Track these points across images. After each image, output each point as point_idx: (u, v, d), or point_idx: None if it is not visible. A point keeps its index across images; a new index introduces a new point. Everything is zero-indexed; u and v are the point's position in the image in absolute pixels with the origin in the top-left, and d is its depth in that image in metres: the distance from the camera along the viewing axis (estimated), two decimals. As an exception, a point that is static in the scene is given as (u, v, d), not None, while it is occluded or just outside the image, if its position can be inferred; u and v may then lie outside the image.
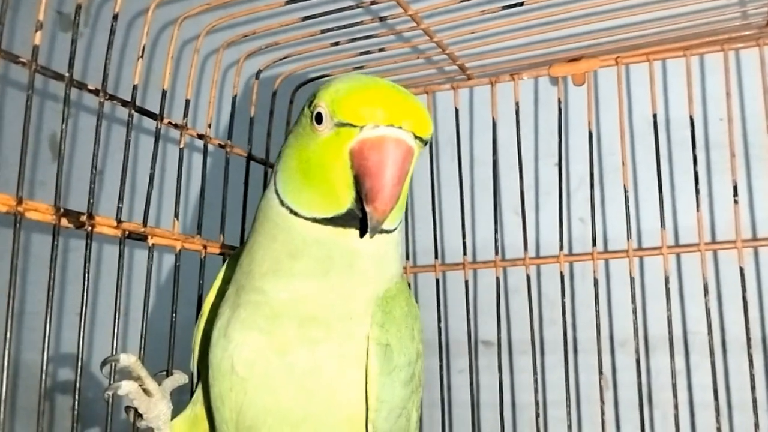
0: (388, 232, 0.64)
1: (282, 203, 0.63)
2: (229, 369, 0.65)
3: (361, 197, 0.57)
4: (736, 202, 0.89)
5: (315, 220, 0.61)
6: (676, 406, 0.87)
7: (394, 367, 0.66)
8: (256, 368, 0.64)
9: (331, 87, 0.60)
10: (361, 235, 0.60)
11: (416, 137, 0.58)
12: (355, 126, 0.57)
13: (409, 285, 1.06)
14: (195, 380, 0.77)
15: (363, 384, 0.65)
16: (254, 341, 0.64)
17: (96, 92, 0.70)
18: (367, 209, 0.57)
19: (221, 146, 0.90)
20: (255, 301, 0.64)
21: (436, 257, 1.03)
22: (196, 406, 0.75)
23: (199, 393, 0.75)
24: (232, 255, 0.78)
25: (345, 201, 0.59)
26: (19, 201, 0.60)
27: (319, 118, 0.59)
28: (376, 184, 0.56)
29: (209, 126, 0.88)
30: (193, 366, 0.77)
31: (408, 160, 0.58)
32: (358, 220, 0.60)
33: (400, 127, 0.57)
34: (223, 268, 0.76)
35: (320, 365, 0.64)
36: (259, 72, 0.97)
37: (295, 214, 0.62)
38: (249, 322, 0.64)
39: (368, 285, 0.65)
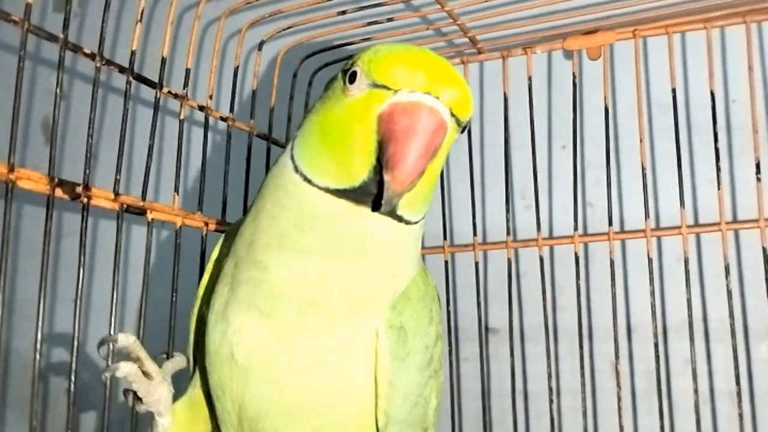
0: (407, 222, 0.59)
1: (296, 169, 0.59)
2: (228, 357, 0.62)
3: (381, 168, 0.53)
4: (758, 179, 0.87)
5: (329, 191, 0.57)
6: (696, 391, 0.85)
7: (409, 351, 0.63)
8: (257, 356, 0.61)
9: (372, 48, 0.57)
10: (374, 210, 0.56)
11: (453, 115, 0.55)
12: (389, 89, 0.54)
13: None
14: (192, 364, 0.74)
15: (373, 372, 0.62)
16: (254, 326, 0.60)
17: (92, 56, 0.67)
18: (386, 178, 0.52)
19: (223, 119, 0.87)
20: (254, 278, 0.60)
21: (445, 238, 1.00)
22: (194, 390, 0.72)
23: (197, 377, 0.73)
24: (229, 229, 0.74)
25: (363, 171, 0.55)
26: (11, 168, 0.57)
27: (352, 78, 0.56)
28: (400, 150, 0.52)
29: (210, 97, 0.85)
30: (190, 351, 0.74)
31: (440, 135, 0.54)
32: (372, 196, 0.55)
33: (438, 98, 0.53)
34: (219, 243, 0.73)
35: (325, 357, 0.60)
36: (262, 42, 0.94)
37: (309, 182, 0.57)
38: (248, 303, 0.61)
39: (378, 275, 0.60)
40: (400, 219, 0.58)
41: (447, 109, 0.54)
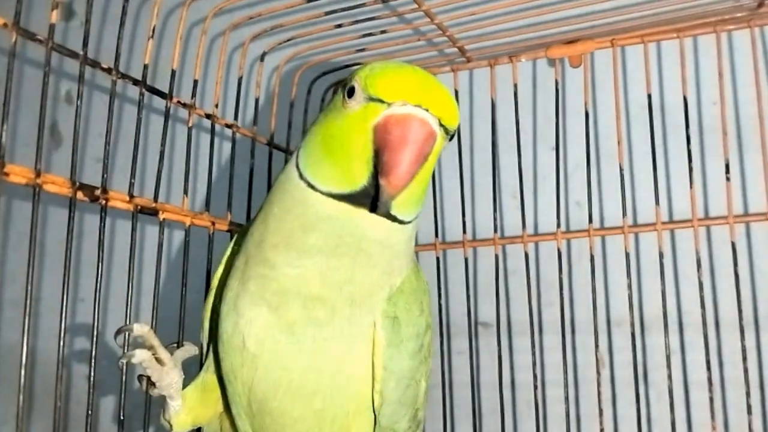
0: (401, 222, 0.64)
1: (301, 176, 0.64)
2: (240, 345, 0.67)
3: (377, 174, 0.58)
4: (728, 179, 0.92)
5: (331, 196, 0.62)
6: (669, 377, 0.90)
7: (402, 339, 0.68)
8: (265, 345, 0.66)
9: (369, 65, 0.62)
10: (371, 211, 0.61)
11: (441, 125, 0.60)
12: (384, 102, 0.59)
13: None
14: (205, 351, 0.79)
15: (370, 359, 0.67)
16: (263, 318, 0.66)
17: (108, 70, 0.72)
18: (381, 182, 0.58)
19: (228, 126, 0.92)
20: (263, 274, 0.65)
21: (437, 236, 1.06)
22: (207, 374, 0.77)
23: (210, 362, 0.78)
24: (241, 230, 0.80)
25: (362, 177, 0.60)
26: (38, 173, 0.62)
27: (351, 92, 0.61)
28: (394, 157, 0.57)
29: (216, 106, 0.90)
30: (203, 338, 0.80)
31: (429, 143, 0.59)
32: (370, 199, 0.61)
33: (428, 110, 0.58)
34: (231, 243, 0.78)
35: (327, 345, 0.66)
36: (264, 54, 0.99)
37: (313, 188, 0.63)
38: (257, 297, 0.66)
39: (374, 272, 0.65)
40: (394, 219, 0.63)
41: (436, 120, 0.59)
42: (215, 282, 0.78)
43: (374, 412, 0.70)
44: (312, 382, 0.67)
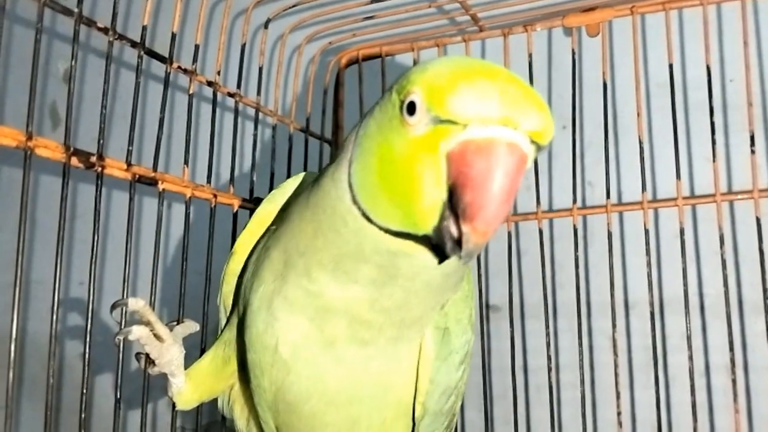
0: None
1: (354, 200, 0.54)
2: (272, 346, 0.63)
3: (455, 216, 0.46)
4: (753, 152, 0.88)
5: (390, 231, 0.52)
6: (690, 358, 0.87)
7: (450, 351, 0.64)
8: (301, 354, 0.62)
9: (430, 70, 0.48)
10: (442, 260, 0.51)
11: (532, 142, 0.47)
12: (457, 123, 0.46)
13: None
14: (222, 322, 0.76)
15: (415, 369, 0.63)
16: (301, 328, 0.61)
17: (105, 30, 0.69)
18: (464, 229, 0.46)
19: (230, 95, 0.89)
20: (306, 288, 0.59)
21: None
22: (223, 347, 0.73)
23: (230, 337, 0.72)
24: (269, 198, 0.73)
25: (432, 218, 0.47)
26: (29, 136, 0.59)
27: (411, 109, 0.48)
28: (479, 198, 0.45)
29: (218, 73, 0.87)
30: (220, 301, 0.75)
31: (521, 172, 0.46)
32: (443, 243, 0.48)
33: (516, 129, 0.45)
34: (260, 210, 0.72)
35: (369, 362, 0.61)
36: (268, 21, 0.96)
37: (368, 219, 0.53)
38: (297, 307, 0.61)
39: (430, 297, 0.59)
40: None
41: (527, 140, 0.46)
42: (239, 247, 0.72)
43: (413, 420, 0.66)
44: (349, 392, 0.63)
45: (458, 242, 0.47)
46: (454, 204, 0.46)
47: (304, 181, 0.71)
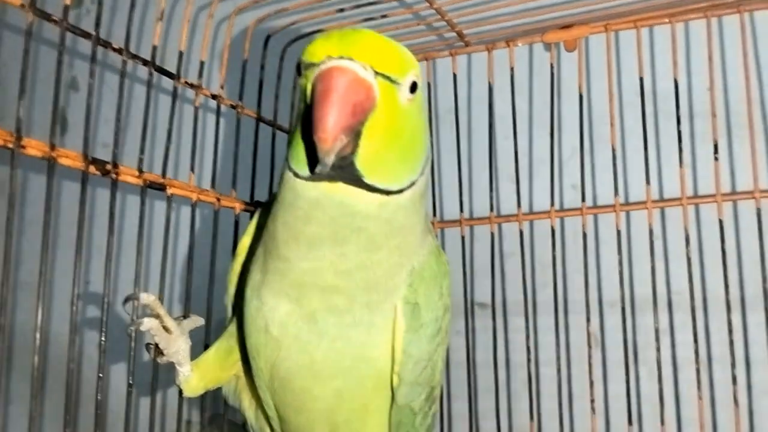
0: (387, 192, 0.61)
1: (288, 165, 0.63)
2: (263, 327, 0.70)
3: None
4: (716, 159, 0.94)
5: (310, 178, 0.60)
6: (658, 350, 0.94)
7: (421, 324, 0.70)
8: (288, 330, 0.69)
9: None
10: (311, 172, 0.59)
11: (379, 74, 0.57)
12: (315, 64, 0.57)
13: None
14: (228, 316, 0.83)
15: (391, 341, 0.69)
16: (285, 307, 0.68)
17: (120, 51, 0.76)
18: (315, 140, 0.55)
19: (233, 107, 0.95)
20: (281, 269, 0.66)
21: (435, 215, 1.09)
22: (228, 339, 0.80)
23: (233, 328, 0.81)
24: (264, 203, 0.82)
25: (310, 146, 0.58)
26: (52, 147, 0.65)
27: (299, 70, 0.60)
28: (318, 111, 0.54)
29: (222, 87, 0.93)
30: (227, 300, 0.83)
31: (358, 91, 0.56)
32: (341, 170, 0.58)
33: (351, 59, 0.56)
34: (257, 215, 0.80)
35: (348, 331, 0.68)
36: (269, 37, 1.02)
37: (296, 175, 0.61)
38: (277, 289, 0.68)
39: (382, 253, 0.64)
40: (374, 189, 0.60)
41: (364, 66, 0.56)
42: (241, 248, 0.80)
43: (392, 390, 0.72)
44: (333, 365, 0.69)
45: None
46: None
47: None
